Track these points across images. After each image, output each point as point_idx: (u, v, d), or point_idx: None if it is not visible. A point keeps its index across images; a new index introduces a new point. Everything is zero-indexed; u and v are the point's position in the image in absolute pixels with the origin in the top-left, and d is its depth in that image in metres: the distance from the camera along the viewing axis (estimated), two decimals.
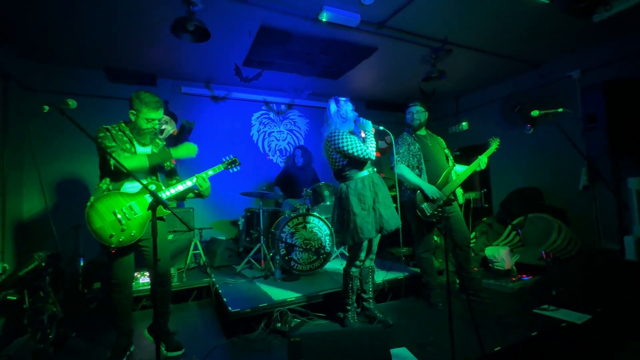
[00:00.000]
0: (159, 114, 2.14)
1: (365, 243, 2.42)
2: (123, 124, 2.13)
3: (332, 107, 2.45)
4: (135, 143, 2.11)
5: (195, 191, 2.26)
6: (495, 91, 5.31)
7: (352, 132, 2.47)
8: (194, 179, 2.18)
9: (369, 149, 2.34)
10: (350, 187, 2.34)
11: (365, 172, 2.40)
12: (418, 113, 2.94)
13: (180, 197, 2.27)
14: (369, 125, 2.42)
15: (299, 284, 3.06)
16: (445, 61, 4.13)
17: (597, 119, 3.25)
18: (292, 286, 3.00)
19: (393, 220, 2.38)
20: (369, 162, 2.44)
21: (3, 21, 3.00)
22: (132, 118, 2.09)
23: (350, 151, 2.29)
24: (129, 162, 1.95)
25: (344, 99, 2.48)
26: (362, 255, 2.44)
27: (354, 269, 2.45)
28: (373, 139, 2.41)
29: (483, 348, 1.71)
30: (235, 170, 2.46)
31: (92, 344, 2.25)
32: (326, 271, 3.49)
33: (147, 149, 2.18)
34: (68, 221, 3.40)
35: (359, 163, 2.38)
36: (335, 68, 4.43)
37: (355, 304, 2.53)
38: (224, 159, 2.43)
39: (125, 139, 2.08)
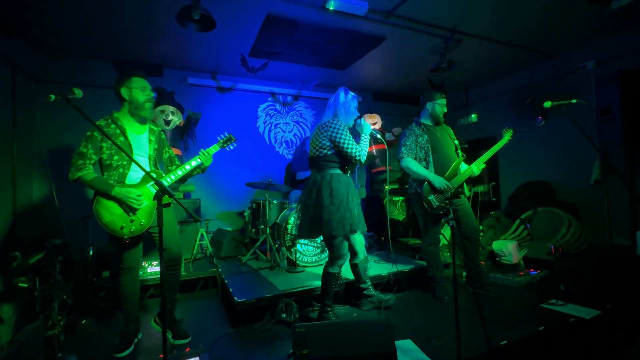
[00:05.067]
0: (147, 82, 2.15)
1: (342, 241, 2.29)
2: (115, 114, 2.10)
3: (342, 96, 2.39)
4: (128, 134, 2.06)
5: (198, 170, 2.28)
6: (506, 83, 5.19)
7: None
8: (192, 163, 2.20)
9: (362, 151, 2.29)
10: (325, 179, 2.26)
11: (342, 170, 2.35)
12: (441, 106, 2.82)
13: (183, 179, 2.29)
14: (368, 129, 2.38)
15: (304, 276, 3.07)
16: (455, 51, 4.04)
17: (612, 111, 3.15)
18: (297, 277, 3.01)
19: (361, 224, 2.35)
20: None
21: (13, 14, 3.00)
22: (127, 95, 2.07)
23: (345, 147, 2.23)
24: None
25: (353, 94, 2.43)
26: (345, 256, 2.34)
27: (335, 269, 2.32)
28: (367, 143, 2.36)
29: (489, 342, 1.70)
30: (231, 147, 2.45)
31: (101, 331, 2.30)
32: None
33: (144, 136, 2.16)
34: (77, 211, 3.45)
35: (344, 161, 2.33)
36: (342, 58, 4.36)
37: (333, 305, 2.44)
38: (219, 138, 2.42)
39: (118, 131, 2.04)
